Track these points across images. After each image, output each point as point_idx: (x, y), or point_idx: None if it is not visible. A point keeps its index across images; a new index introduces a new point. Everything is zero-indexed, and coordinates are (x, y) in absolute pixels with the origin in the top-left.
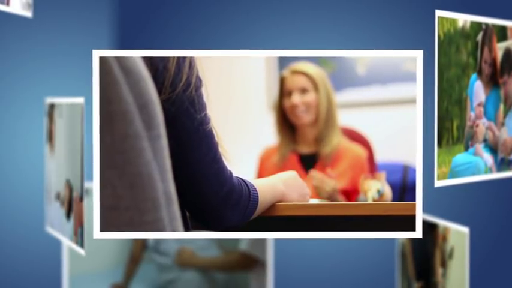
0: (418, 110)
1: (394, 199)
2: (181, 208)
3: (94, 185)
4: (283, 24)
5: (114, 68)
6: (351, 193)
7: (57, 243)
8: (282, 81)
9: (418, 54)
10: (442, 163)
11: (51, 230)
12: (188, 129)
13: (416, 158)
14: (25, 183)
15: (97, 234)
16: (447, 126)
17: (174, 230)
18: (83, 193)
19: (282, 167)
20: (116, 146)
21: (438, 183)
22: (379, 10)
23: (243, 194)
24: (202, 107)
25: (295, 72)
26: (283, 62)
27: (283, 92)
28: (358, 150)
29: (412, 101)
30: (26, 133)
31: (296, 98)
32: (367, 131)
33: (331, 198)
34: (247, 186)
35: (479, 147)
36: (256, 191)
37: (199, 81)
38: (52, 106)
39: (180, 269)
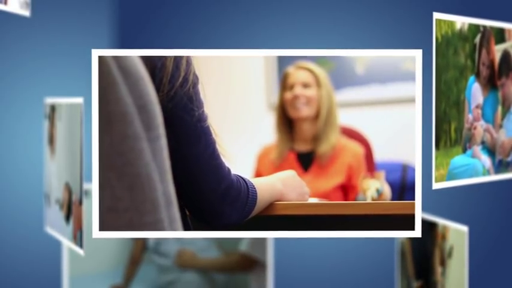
0: (417, 109)
1: (393, 198)
2: (181, 209)
3: (93, 186)
4: (283, 24)
5: (112, 69)
6: (348, 190)
7: (57, 244)
8: (286, 77)
9: (417, 54)
10: (440, 165)
11: (50, 231)
12: (186, 125)
13: (416, 157)
14: (25, 183)
15: (96, 233)
16: (445, 129)
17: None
18: (82, 196)
19: (280, 165)
20: (115, 147)
21: (436, 186)
22: (378, 13)
23: (242, 191)
24: (199, 103)
25: (300, 68)
26: (282, 61)
27: (286, 86)
28: (356, 147)
29: (411, 101)
30: (26, 133)
31: (298, 90)
32: (367, 130)
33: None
34: (246, 184)
35: (477, 149)
36: (254, 188)
37: (196, 78)
38: (53, 109)
39: (180, 270)
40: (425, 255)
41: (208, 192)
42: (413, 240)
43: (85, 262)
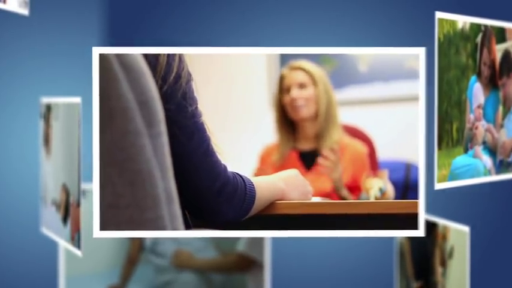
0: (420, 107)
1: (396, 197)
2: (181, 207)
3: (94, 183)
4: (286, 22)
5: (114, 65)
6: (352, 189)
7: (54, 245)
8: (281, 79)
9: (421, 51)
10: (442, 165)
11: (46, 231)
12: (180, 121)
13: (419, 155)
14: (21, 183)
15: (97, 233)
16: (447, 129)
17: (174, 229)
18: (80, 198)
19: (282, 165)
20: (115, 143)
21: (438, 186)
22: (380, 12)
23: (239, 187)
24: (193, 100)
25: (294, 69)
26: (284, 60)
27: (283, 89)
28: (359, 146)
29: (414, 99)
30: (22, 133)
31: (295, 92)
32: (370, 128)
33: (337, 183)
34: (243, 181)
35: (479, 149)
36: (253, 185)
37: (189, 75)
38: (49, 108)
39: (177, 270)
40: (425, 255)
41: (204, 189)
42: (412, 240)
43: (82, 262)
